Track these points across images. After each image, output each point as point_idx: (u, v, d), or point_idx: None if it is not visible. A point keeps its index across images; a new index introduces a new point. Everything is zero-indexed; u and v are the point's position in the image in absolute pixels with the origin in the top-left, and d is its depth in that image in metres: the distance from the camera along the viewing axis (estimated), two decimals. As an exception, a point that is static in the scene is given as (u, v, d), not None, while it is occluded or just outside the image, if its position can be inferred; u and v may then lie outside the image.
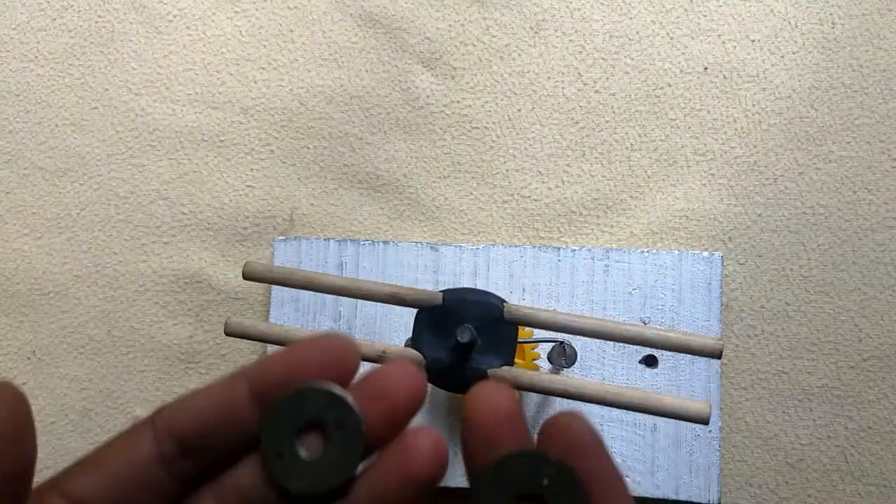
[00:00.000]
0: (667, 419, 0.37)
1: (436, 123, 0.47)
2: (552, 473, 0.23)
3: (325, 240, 0.45)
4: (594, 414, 0.43)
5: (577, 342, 0.42)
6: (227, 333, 0.34)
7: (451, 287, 0.36)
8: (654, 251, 0.44)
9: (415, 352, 0.34)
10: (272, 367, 0.25)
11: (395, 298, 0.34)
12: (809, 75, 0.46)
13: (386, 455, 0.24)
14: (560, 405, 0.43)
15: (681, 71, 0.47)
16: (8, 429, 0.21)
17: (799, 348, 0.45)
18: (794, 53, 0.47)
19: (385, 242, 0.45)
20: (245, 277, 0.35)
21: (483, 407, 0.24)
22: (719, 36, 0.47)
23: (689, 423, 0.41)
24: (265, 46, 0.48)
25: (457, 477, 0.43)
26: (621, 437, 0.43)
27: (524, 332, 0.40)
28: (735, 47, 0.47)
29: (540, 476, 0.23)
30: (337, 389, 0.24)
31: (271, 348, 0.44)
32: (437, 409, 0.44)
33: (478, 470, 0.24)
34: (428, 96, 0.47)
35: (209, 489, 0.25)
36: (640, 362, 0.44)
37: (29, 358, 0.47)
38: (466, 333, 0.33)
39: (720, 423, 0.43)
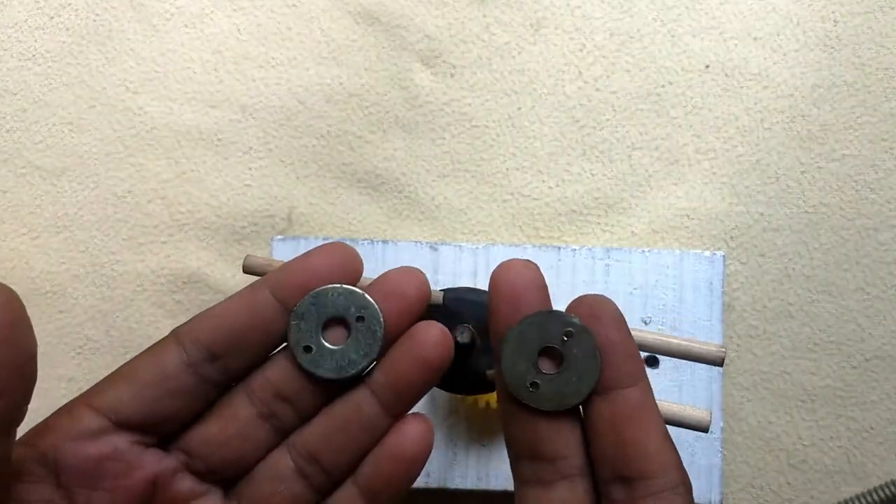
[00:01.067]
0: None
1: (435, 122, 0.47)
2: (571, 332, 0.25)
3: (323, 239, 0.45)
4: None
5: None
6: (246, 271, 0.34)
7: (450, 286, 0.35)
8: (656, 250, 0.44)
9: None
10: (291, 272, 0.27)
11: (394, 298, 0.34)
12: (812, 73, 0.46)
13: (399, 343, 0.27)
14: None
15: (682, 69, 0.47)
16: (6, 320, 0.22)
17: (801, 348, 0.45)
18: (796, 51, 0.46)
19: (384, 241, 0.45)
20: (245, 271, 0.34)
21: (510, 275, 0.26)
22: (721, 34, 0.47)
23: (690, 424, 0.41)
24: (263, 44, 0.48)
25: (455, 478, 0.43)
26: (622, 438, 0.43)
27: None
28: (737, 45, 0.46)
29: (560, 333, 0.25)
30: (354, 288, 0.27)
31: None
32: (437, 409, 0.43)
33: (503, 330, 0.26)
34: (427, 94, 0.47)
35: (239, 389, 0.27)
36: (642, 362, 0.43)
37: (26, 358, 0.47)
38: (466, 333, 0.33)
39: (722, 424, 0.43)
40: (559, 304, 0.44)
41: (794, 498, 0.44)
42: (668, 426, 0.29)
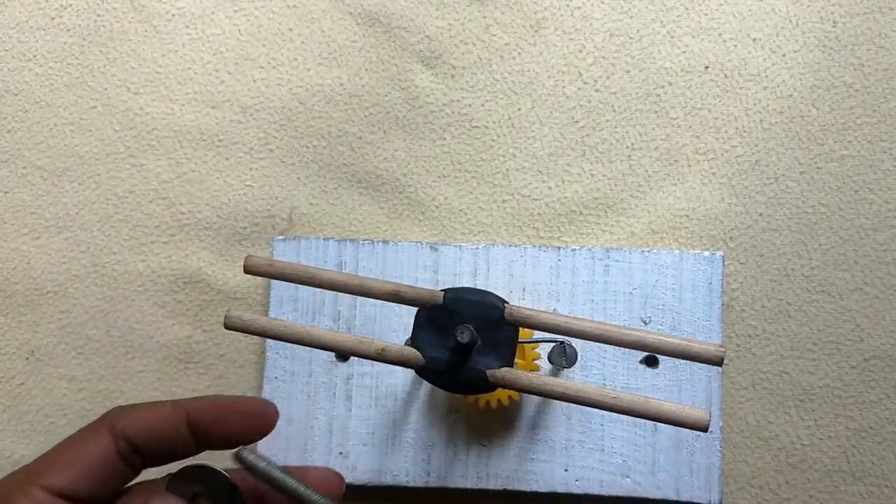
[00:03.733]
0: (668, 419, 0.37)
1: (435, 122, 0.47)
2: None
3: (324, 239, 0.45)
4: (595, 413, 0.43)
5: (577, 342, 0.42)
6: (227, 327, 0.34)
7: (450, 286, 0.35)
8: (655, 251, 0.44)
9: (414, 351, 0.33)
10: (205, 408, 0.33)
11: (396, 296, 0.34)
12: (811, 74, 0.46)
13: None
14: (560, 406, 0.43)
15: (682, 70, 0.47)
16: None
17: (800, 348, 0.45)
18: (795, 52, 0.46)
19: (384, 242, 0.45)
20: (246, 271, 0.35)
21: None
22: (720, 34, 0.47)
23: (690, 424, 0.41)
24: (264, 45, 0.48)
25: (456, 477, 0.43)
26: (622, 437, 0.43)
27: (524, 332, 0.40)
28: (736, 46, 0.47)
29: None
30: (219, 468, 0.32)
31: (271, 344, 0.44)
32: (437, 408, 0.44)
33: None
34: (427, 95, 0.47)
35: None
36: (641, 362, 0.44)
37: (27, 358, 0.47)
38: (466, 333, 0.33)
39: (721, 424, 0.43)
40: (559, 303, 0.44)
41: (793, 497, 0.44)
42: (667, 425, 0.29)
